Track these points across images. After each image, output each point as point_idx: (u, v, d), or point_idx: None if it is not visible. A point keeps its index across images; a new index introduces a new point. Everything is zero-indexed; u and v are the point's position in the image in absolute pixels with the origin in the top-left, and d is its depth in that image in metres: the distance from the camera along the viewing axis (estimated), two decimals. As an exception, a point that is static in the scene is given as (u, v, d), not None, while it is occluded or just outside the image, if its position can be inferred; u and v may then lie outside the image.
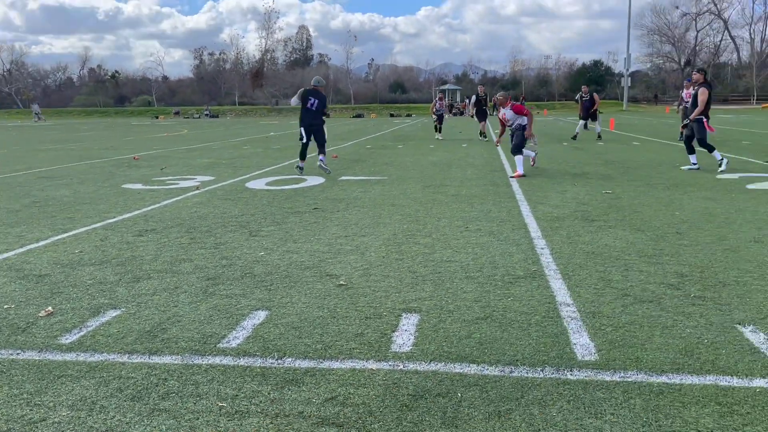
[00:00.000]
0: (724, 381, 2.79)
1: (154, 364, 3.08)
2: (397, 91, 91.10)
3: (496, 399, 2.67)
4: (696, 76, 10.82)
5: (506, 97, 10.55)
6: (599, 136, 19.03)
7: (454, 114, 48.89)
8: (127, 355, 3.21)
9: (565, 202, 7.56)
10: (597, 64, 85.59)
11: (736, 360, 3.01)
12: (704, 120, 10.32)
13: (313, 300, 3.99)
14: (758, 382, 2.78)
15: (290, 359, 3.10)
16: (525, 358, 3.08)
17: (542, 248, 5.28)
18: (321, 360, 3.08)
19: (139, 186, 9.87)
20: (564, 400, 2.65)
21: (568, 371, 2.93)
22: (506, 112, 10.35)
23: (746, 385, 2.76)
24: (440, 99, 22.72)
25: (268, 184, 9.82)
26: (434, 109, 21.80)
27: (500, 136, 11.11)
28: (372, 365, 3.01)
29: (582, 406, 2.60)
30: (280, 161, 13.72)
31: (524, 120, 10.15)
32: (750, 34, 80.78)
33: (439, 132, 21.24)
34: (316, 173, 11.12)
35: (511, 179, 9.78)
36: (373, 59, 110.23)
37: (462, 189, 8.89)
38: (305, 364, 3.04)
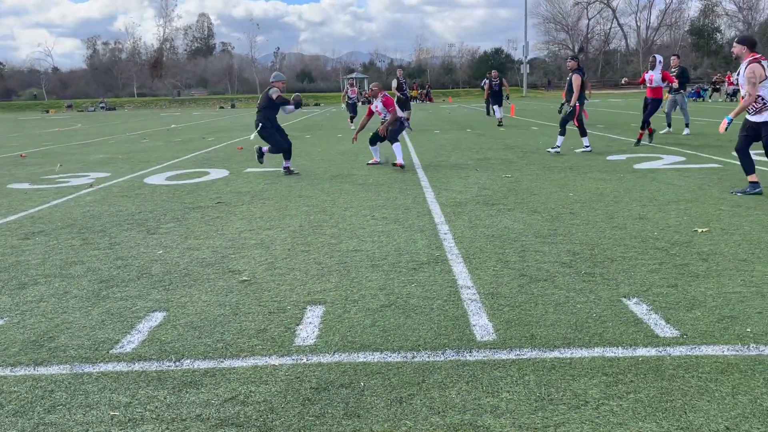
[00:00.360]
0: (611, 352, 2.96)
1: (39, 376, 2.89)
2: (305, 80, 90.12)
3: (398, 385, 2.70)
4: (570, 63, 11.33)
5: (380, 88, 10.08)
6: (500, 122, 19.64)
7: (363, 102, 48.99)
8: (10, 368, 2.99)
9: (467, 188, 7.75)
10: (498, 51, 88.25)
11: (621, 331, 3.20)
12: (577, 105, 10.87)
13: (215, 298, 3.88)
14: (641, 351, 2.97)
15: (189, 361, 3.00)
16: (427, 342, 3.14)
17: (445, 233, 5.39)
18: (221, 359, 3.00)
19: (26, 185, 9.22)
20: (463, 381, 2.73)
21: (467, 353, 3.01)
22: (378, 105, 9.92)
23: (630, 354, 2.94)
24: (351, 85, 21.76)
25: (168, 178, 9.45)
26: (346, 98, 20.97)
27: (358, 131, 10.31)
28: (274, 361, 2.97)
29: (480, 386, 2.68)
30: (182, 154, 13.24)
31: (397, 113, 9.79)
32: (636, 21, 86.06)
33: (353, 122, 20.29)
34: (221, 165, 10.83)
35: (394, 165, 9.78)
36: (279, 48, 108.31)
37: (369, 178, 8.93)
38: (205, 364, 2.96)
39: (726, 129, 6.65)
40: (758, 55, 6.43)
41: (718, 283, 3.87)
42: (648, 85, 12.21)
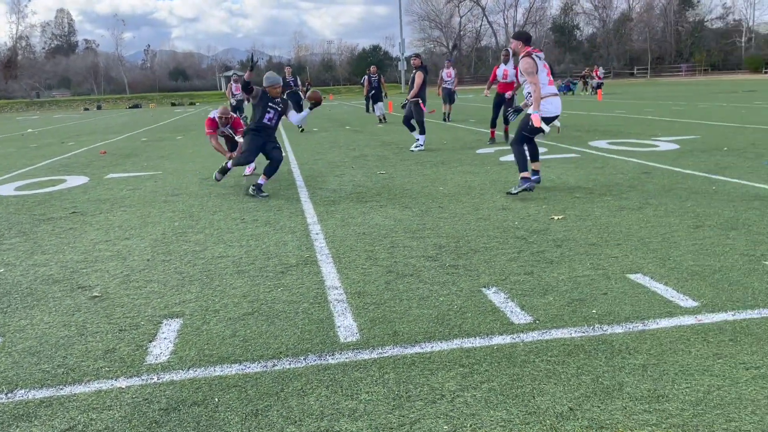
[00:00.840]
0: (468, 343, 3.03)
1: None
2: (179, 79, 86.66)
3: (255, 397, 2.60)
4: (414, 60, 11.51)
5: (229, 115, 8.90)
6: (381, 119, 19.85)
7: (247, 101, 47.54)
8: None
9: (342, 186, 7.73)
10: (376, 48, 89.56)
11: (479, 321, 3.28)
12: (420, 101, 11.14)
13: (59, 318, 3.56)
14: (496, 340, 3.06)
15: (23, 391, 2.71)
16: (289, 348, 3.05)
17: (317, 233, 5.32)
18: (61, 386, 2.74)
19: None
20: (323, 386, 2.67)
21: (329, 356, 2.95)
22: (227, 130, 8.91)
23: (486, 344, 3.02)
24: (236, 81, 20.42)
25: (18, 188, 8.65)
26: (231, 95, 19.64)
27: (227, 155, 8.78)
28: (121, 383, 2.75)
29: (340, 389, 2.63)
30: (37, 161, 12.19)
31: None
32: (504, 19, 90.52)
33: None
34: (80, 172, 10.08)
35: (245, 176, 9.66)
36: (149, 45, 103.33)
37: (242, 179, 8.67)
38: (41, 393, 2.69)
39: (541, 122, 6.38)
40: (531, 49, 6.67)
41: (570, 267, 4.09)
42: (502, 79, 11.85)
